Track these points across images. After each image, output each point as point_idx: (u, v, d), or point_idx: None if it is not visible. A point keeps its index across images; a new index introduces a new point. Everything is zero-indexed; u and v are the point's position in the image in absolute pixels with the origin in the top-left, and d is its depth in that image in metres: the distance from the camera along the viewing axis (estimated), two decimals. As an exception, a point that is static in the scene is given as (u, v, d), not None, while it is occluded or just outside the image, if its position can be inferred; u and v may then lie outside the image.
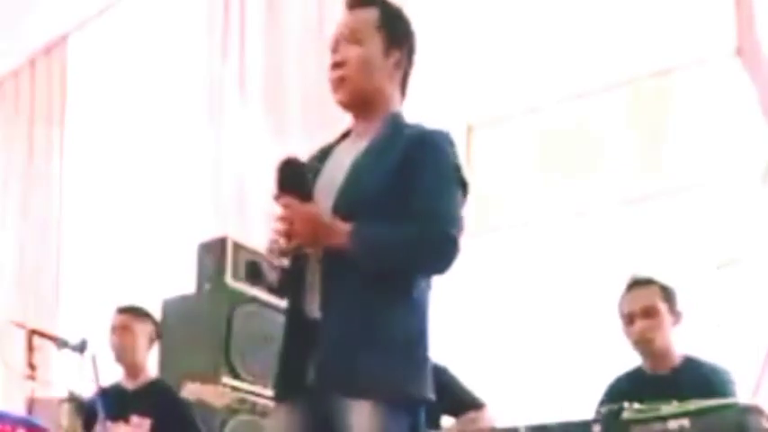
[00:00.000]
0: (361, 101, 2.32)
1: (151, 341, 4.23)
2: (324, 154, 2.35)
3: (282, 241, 2.14)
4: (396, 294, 2.16)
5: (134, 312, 4.20)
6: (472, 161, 4.85)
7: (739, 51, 4.09)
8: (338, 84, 2.31)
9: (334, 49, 2.35)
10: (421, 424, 2.17)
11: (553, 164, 4.67)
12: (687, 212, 4.33)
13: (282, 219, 2.13)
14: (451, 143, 2.28)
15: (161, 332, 4.30)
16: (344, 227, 2.12)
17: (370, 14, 2.36)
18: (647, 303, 3.25)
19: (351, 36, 2.33)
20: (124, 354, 4.13)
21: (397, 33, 2.36)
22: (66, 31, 7.15)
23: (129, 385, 4.14)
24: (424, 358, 2.19)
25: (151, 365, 4.33)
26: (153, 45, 6.57)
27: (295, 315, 2.24)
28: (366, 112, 2.33)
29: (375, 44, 2.32)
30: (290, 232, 2.12)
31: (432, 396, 2.17)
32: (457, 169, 2.25)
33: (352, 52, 2.30)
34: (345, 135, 2.40)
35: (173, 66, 6.42)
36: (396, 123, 2.31)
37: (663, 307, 3.25)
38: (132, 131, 6.61)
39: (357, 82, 2.29)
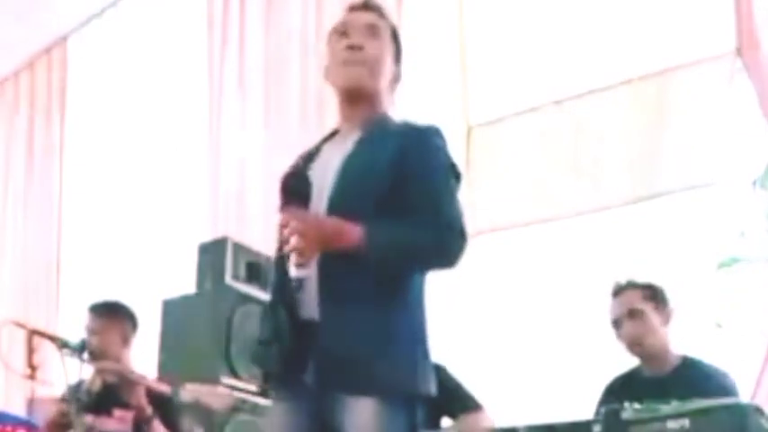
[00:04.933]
0: (360, 89, 2.32)
1: (125, 338, 4.17)
2: (309, 156, 2.33)
3: (296, 258, 2.10)
4: (395, 291, 2.15)
5: (102, 314, 4.13)
6: (472, 161, 4.85)
7: (739, 51, 4.09)
8: (355, 63, 2.30)
9: (345, 33, 2.35)
10: (419, 420, 2.16)
11: (553, 164, 4.66)
12: (687, 213, 4.33)
13: (293, 232, 2.07)
14: (443, 137, 2.29)
15: (137, 324, 4.23)
16: (355, 227, 2.08)
17: (386, 24, 2.39)
18: (630, 306, 3.28)
19: (368, 29, 2.34)
20: (100, 355, 4.10)
21: (399, 51, 2.42)
22: (66, 31, 7.15)
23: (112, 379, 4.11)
24: (425, 353, 2.19)
25: (150, 365, 4.33)
26: (153, 45, 6.58)
27: (286, 315, 2.16)
28: (359, 108, 2.32)
29: (390, 51, 2.37)
30: (303, 245, 2.07)
31: (432, 391, 2.17)
32: (452, 163, 2.26)
33: (371, 42, 2.32)
34: (330, 137, 2.39)
35: (172, 65, 6.42)
36: (383, 121, 2.33)
37: (647, 307, 3.26)
38: (132, 131, 6.61)
39: (372, 69, 2.31)
